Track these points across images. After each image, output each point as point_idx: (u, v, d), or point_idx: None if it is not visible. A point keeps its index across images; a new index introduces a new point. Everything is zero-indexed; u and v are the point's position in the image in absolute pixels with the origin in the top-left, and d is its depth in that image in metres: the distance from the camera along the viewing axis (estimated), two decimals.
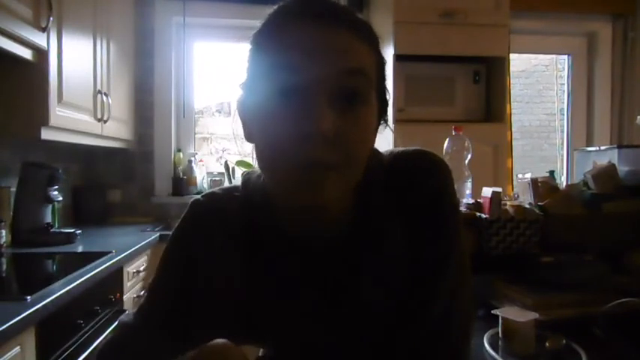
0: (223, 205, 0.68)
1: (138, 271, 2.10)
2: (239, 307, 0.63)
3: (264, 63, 0.57)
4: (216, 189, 0.72)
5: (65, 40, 1.86)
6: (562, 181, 3.10)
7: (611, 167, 1.53)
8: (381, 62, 0.60)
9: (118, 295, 1.85)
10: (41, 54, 1.72)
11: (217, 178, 3.04)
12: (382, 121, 0.63)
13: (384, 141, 0.71)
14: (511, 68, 2.83)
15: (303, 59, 0.53)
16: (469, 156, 1.57)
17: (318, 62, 0.53)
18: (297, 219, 0.62)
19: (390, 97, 0.63)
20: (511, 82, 2.90)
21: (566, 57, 3.40)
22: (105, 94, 2.28)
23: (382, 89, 0.61)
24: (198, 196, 0.71)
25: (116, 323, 0.74)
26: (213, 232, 0.66)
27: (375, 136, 0.62)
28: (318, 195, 0.54)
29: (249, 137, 0.62)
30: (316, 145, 0.52)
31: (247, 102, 0.61)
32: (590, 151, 1.91)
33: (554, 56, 3.60)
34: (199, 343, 0.55)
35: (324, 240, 0.62)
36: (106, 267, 1.64)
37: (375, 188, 0.63)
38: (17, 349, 1.11)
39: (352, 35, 0.55)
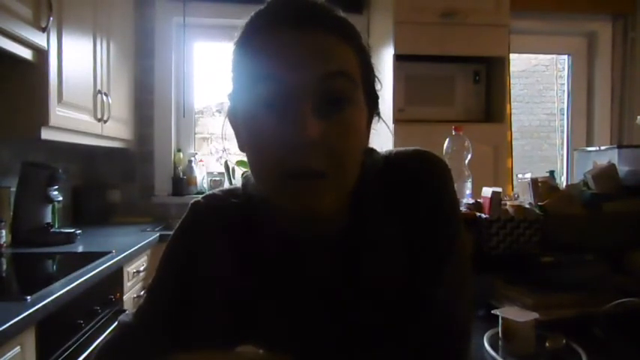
0: (223, 206, 0.68)
1: (138, 271, 2.10)
2: (238, 307, 0.63)
3: (246, 74, 0.57)
4: (216, 190, 0.72)
5: (65, 40, 1.86)
6: (562, 181, 3.09)
7: (611, 167, 1.53)
8: (366, 59, 0.59)
9: (118, 295, 1.85)
10: (41, 54, 1.72)
11: (217, 178, 3.04)
12: (375, 115, 0.63)
13: (384, 141, 0.71)
14: (511, 68, 2.83)
15: (284, 68, 0.53)
16: (469, 156, 1.57)
17: (299, 70, 0.52)
18: (294, 220, 0.62)
19: (380, 88, 0.62)
20: (511, 82, 2.90)
21: (566, 57, 3.40)
22: (105, 94, 2.28)
23: (370, 86, 0.61)
24: (199, 197, 0.71)
25: (115, 323, 0.74)
26: (213, 233, 0.66)
27: (366, 136, 0.61)
28: (311, 204, 0.54)
29: (241, 147, 0.61)
30: (304, 153, 0.52)
31: (236, 113, 0.61)
32: (590, 151, 1.90)
33: (554, 56, 3.59)
34: (198, 344, 0.55)
35: (322, 240, 0.62)
36: (106, 267, 1.65)
37: (371, 188, 0.63)
38: (17, 349, 1.11)
39: (332, 37, 0.55)
